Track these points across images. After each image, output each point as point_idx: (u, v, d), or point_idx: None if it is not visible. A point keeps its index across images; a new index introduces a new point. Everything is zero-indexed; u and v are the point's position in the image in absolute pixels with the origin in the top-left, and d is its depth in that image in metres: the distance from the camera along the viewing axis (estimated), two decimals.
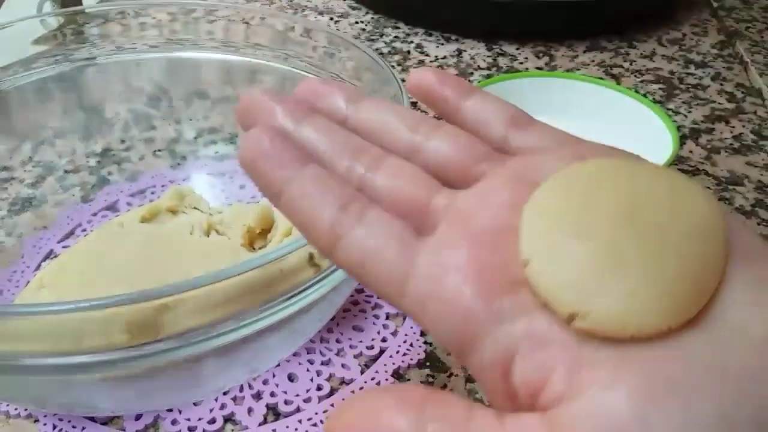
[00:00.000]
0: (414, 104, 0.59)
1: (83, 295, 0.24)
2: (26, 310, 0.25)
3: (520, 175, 0.20)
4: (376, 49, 0.68)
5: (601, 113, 0.49)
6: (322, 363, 0.36)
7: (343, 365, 0.36)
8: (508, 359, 0.17)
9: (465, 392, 0.35)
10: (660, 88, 0.62)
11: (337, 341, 0.38)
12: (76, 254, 0.39)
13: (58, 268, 0.37)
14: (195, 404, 0.34)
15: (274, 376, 0.36)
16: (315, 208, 0.19)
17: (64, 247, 0.43)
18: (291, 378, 0.36)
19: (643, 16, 0.74)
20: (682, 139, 0.55)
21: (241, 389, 0.35)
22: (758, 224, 0.46)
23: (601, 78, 0.62)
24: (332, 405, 0.34)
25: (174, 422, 0.33)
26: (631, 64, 0.66)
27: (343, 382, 0.36)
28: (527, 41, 0.69)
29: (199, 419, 0.34)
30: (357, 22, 0.74)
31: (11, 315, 0.25)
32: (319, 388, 0.35)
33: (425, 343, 0.38)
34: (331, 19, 0.74)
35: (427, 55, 0.67)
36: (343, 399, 0.34)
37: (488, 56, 0.67)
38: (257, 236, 0.40)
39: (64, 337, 0.25)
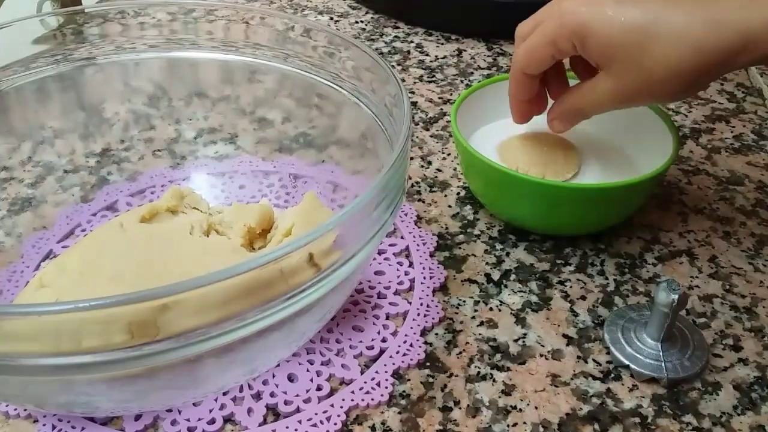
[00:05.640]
0: (414, 104, 0.59)
1: (83, 295, 0.24)
2: (26, 310, 0.25)
3: None
4: (376, 49, 0.68)
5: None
6: (322, 363, 0.36)
7: (343, 365, 0.36)
8: None
9: (465, 392, 0.35)
10: None
11: (337, 341, 0.37)
12: (76, 254, 0.39)
13: (58, 268, 0.37)
14: (194, 404, 0.34)
15: (273, 376, 0.36)
16: None
17: (63, 247, 0.43)
18: (291, 378, 0.36)
19: None
20: (683, 139, 0.55)
21: (241, 389, 0.35)
22: (759, 224, 0.46)
23: None
24: (332, 405, 0.34)
25: (173, 422, 0.33)
26: None
27: (343, 382, 0.36)
28: None
29: (199, 419, 0.34)
30: (357, 22, 0.74)
31: (11, 315, 0.25)
32: (319, 389, 0.35)
33: (425, 343, 0.38)
34: (331, 18, 0.74)
35: (427, 55, 0.67)
36: (342, 399, 0.34)
37: (488, 56, 0.67)
38: (257, 236, 0.40)
39: (64, 337, 0.25)
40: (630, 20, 0.36)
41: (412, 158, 0.52)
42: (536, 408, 0.35)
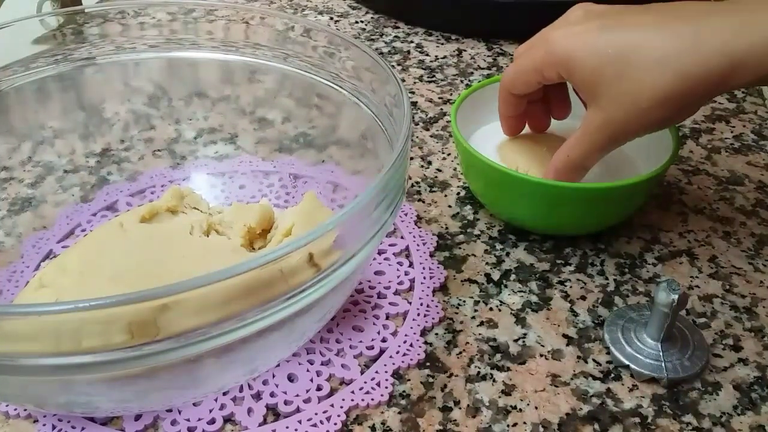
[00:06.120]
0: (414, 104, 0.59)
1: (83, 295, 0.24)
2: (26, 310, 0.25)
3: None
4: (376, 49, 0.68)
5: None
6: (322, 363, 0.36)
7: (343, 365, 0.36)
8: None
9: (465, 392, 0.35)
10: None
11: (337, 341, 0.37)
12: (76, 254, 0.39)
13: (58, 268, 0.37)
14: (194, 404, 0.34)
15: (273, 376, 0.36)
16: None
17: (63, 247, 0.43)
18: (291, 378, 0.36)
19: None
20: (683, 139, 0.55)
21: (241, 389, 0.35)
22: (759, 224, 0.46)
23: None
24: (332, 405, 0.34)
25: (173, 422, 0.33)
26: None
27: (343, 382, 0.36)
28: None
29: (199, 419, 0.34)
30: (357, 22, 0.74)
31: (11, 315, 0.25)
32: (319, 389, 0.35)
33: (425, 343, 0.38)
34: (331, 18, 0.74)
35: (427, 55, 0.67)
36: (342, 399, 0.34)
37: (488, 56, 0.67)
38: (257, 236, 0.40)
39: (64, 337, 0.25)
40: (615, 49, 0.35)
41: (412, 158, 0.52)
42: (536, 408, 0.35)
